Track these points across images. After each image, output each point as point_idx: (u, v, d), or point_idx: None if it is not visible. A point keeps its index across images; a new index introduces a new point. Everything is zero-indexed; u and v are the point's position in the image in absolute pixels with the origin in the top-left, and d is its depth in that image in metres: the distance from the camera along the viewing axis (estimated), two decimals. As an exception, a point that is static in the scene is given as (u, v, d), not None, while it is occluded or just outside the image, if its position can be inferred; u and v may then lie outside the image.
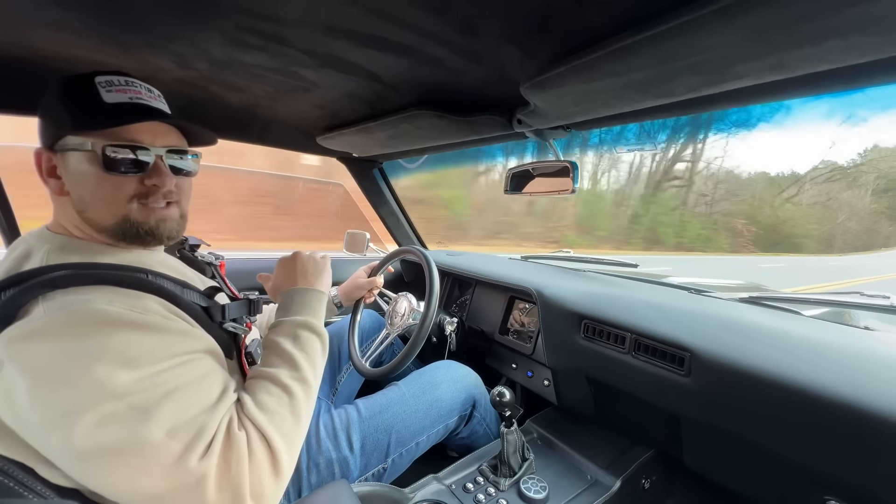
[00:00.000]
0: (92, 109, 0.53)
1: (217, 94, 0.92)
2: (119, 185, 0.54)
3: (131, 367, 0.43)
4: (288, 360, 0.57)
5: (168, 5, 0.55)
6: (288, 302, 0.67)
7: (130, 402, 0.41)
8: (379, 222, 1.77)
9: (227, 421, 0.47)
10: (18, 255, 0.51)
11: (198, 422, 0.44)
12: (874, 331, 0.83)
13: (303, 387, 0.56)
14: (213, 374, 0.51)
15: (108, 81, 0.54)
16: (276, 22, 0.57)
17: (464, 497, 0.89)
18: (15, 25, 0.62)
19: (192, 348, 0.50)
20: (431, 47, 0.62)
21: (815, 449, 0.64)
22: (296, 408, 0.53)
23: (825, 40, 0.36)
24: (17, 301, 0.44)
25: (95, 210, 0.54)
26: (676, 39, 0.40)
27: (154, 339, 0.46)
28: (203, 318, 0.57)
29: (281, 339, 0.60)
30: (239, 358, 0.62)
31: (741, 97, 0.56)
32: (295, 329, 0.61)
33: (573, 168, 0.86)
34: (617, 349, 0.94)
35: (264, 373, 0.56)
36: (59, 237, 0.55)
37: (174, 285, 0.57)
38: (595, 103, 0.62)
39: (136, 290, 0.50)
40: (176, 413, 0.43)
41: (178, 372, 0.46)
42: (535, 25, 0.51)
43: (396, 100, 0.87)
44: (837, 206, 33.77)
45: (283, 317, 0.64)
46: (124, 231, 0.56)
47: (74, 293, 0.46)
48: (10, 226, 1.03)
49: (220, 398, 0.48)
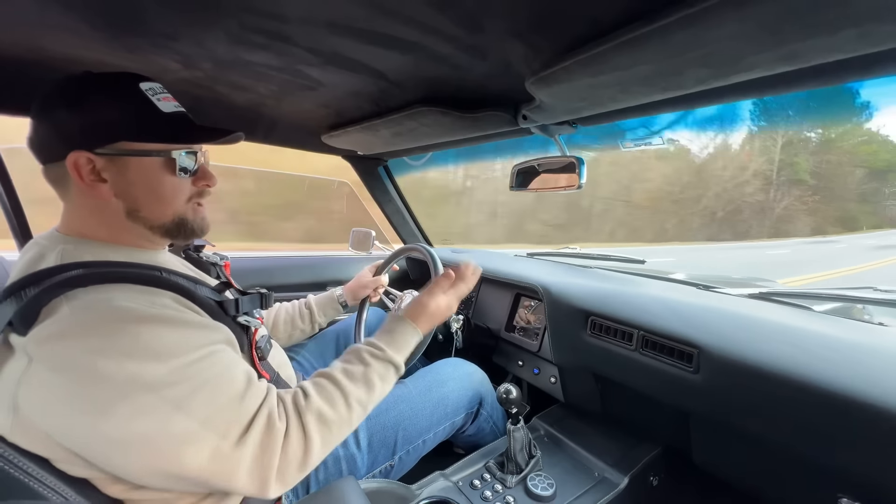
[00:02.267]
0: (156, 119, 0.55)
1: (222, 94, 0.93)
2: (181, 187, 0.59)
3: (161, 360, 0.45)
4: (368, 385, 0.62)
5: (172, 4, 0.55)
6: (398, 333, 0.70)
7: (164, 394, 0.44)
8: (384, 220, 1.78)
9: (265, 411, 0.50)
10: (32, 257, 0.52)
11: (230, 411, 0.48)
12: (888, 326, 0.82)
13: (362, 412, 0.61)
14: (236, 363, 0.54)
15: (151, 89, 0.56)
16: (280, 20, 0.57)
17: (471, 494, 0.89)
18: (19, 26, 0.63)
19: (213, 339, 0.52)
20: (436, 44, 0.62)
21: (827, 446, 0.64)
22: (345, 426, 0.58)
23: (839, 29, 0.35)
24: (41, 300, 0.45)
25: (152, 210, 0.58)
26: (685, 31, 0.40)
27: (178, 332, 0.48)
28: (217, 312, 0.58)
29: (374, 364, 0.64)
30: (250, 352, 0.63)
31: (751, 89, 0.55)
32: (388, 364, 0.66)
33: (579, 163, 0.86)
34: (624, 346, 0.93)
35: (340, 384, 0.60)
36: (70, 238, 0.55)
37: (187, 281, 0.59)
38: (602, 97, 0.61)
39: (153, 286, 0.52)
40: (208, 403, 0.46)
41: (206, 364, 0.48)
42: (540, 19, 0.51)
43: (401, 97, 0.87)
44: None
45: (387, 346, 0.67)
46: (178, 228, 0.60)
47: (95, 292, 0.47)
48: (23, 229, 1.05)
49: (247, 386, 0.51)
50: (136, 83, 0.56)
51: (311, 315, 1.08)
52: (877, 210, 33.35)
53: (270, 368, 0.70)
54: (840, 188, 34.80)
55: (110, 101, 0.53)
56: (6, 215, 1.05)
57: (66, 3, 0.55)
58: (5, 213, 1.05)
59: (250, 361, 0.63)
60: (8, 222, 1.06)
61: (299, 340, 1.10)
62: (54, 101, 0.53)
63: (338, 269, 1.65)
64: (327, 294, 1.14)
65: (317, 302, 1.11)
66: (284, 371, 0.76)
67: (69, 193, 0.56)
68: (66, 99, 0.53)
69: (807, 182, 31.09)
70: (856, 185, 35.37)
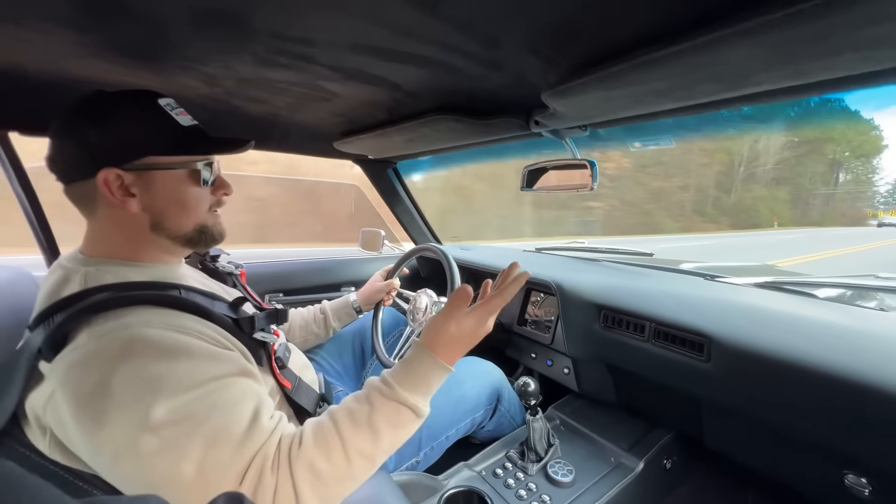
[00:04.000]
0: (178, 133, 0.58)
1: (239, 107, 0.95)
2: (203, 197, 0.62)
3: (163, 397, 0.44)
4: (373, 433, 0.53)
5: (206, 32, 0.57)
6: (415, 365, 0.59)
7: (164, 436, 0.43)
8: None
9: (259, 461, 0.47)
10: (57, 280, 0.54)
11: (227, 457, 0.46)
12: (889, 311, 0.85)
13: (367, 465, 0.53)
14: (245, 398, 0.51)
15: (168, 104, 0.59)
16: (306, 44, 0.60)
17: (494, 482, 0.94)
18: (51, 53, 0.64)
19: (223, 371, 0.51)
20: (454, 59, 0.63)
21: (834, 429, 0.67)
22: (346, 480, 0.52)
23: (842, 52, 0.38)
24: (66, 327, 0.47)
25: (176, 220, 0.60)
26: (699, 55, 0.42)
27: (185, 364, 0.48)
28: (234, 330, 0.60)
29: (380, 406, 0.55)
30: (269, 363, 0.66)
31: (757, 98, 0.58)
32: (400, 406, 0.56)
33: (591, 166, 0.88)
34: (637, 338, 0.97)
35: (340, 430, 0.52)
36: (93, 259, 0.57)
37: (204, 298, 0.61)
38: (615, 108, 0.64)
39: (172, 308, 0.53)
40: (206, 448, 0.45)
41: (208, 402, 0.47)
42: (558, 38, 0.53)
43: (415, 106, 0.89)
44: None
45: (399, 384, 0.57)
46: (199, 237, 0.63)
47: (115, 317, 0.49)
48: (51, 245, 1.08)
49: (250, 425, 0.49)
50: (155, 99, 0.58)
51: (326, 320, 1.11)
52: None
53: (292, 375, 0.71)
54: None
55: (136, 118, 0.56)
56: (33, 232, 1.08)
57: (105, 36, 0.57)
58: (32, 230, 1.08)
59: (271, 373, 0.66)
60: (35, 239, 1.09)
61: (314, 345, 1.13)
62: (79, 119, 0.54)
63: (351, 269, 1.68)
64: (342, 300, 1.16)
65: (331, 307, 1.14)
66: (306, 375, 0.78)
67: (95, 211, 0.57)
68: (92, 117, 0.54)
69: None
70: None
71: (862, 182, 41.40)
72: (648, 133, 0.83)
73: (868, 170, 41.39)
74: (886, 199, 49.01)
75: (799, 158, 36.38)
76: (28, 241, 1.10)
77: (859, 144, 44.02)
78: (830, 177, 39.31)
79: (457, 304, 0.62)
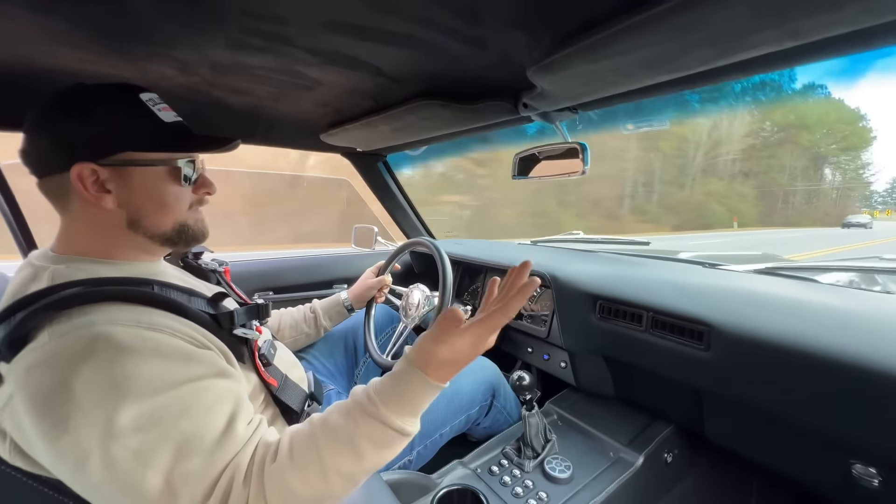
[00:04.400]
0: (158, 128, 0.56)
1: (220, 98, 0.92)
2: (183, 195, 0.60)
3: (129, 400, 0.42)
4: (354, 453, 0.49)
5: (169, 10, 0.55)
6: (403, 384, 0.54)
7: (129, 445, 0.41)
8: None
9: (230, 472, 0.44)
10: (24, 278, 0.51)
11: (197, 467, 0.43)
12: (893, 294, 0.83)
13: (345, 484, 0.50)
14: (218, 404, 0.48)
15: (151, 99, 0.56)
16: (278, 22, 0.57)
17: (490, 480, 0.91)
18: (15, 41, 0.62)
19: (196, 373, 0.48)
20: (434, 37, 0.61)
21: (839, 415, 0.65)
22: (324, 500, 0.49)
23: (842, 5, 0.36)
24: (26, 325, 0.44)
25: (155, 219, 0.58)
26: (688, 13, 0.40)
27: (154, 365, 0.45)
28: (212, 326, 0.56)
29: (364, 426, 0.50)
30: (253, 360, 0.63)
31: (753, 66, 0.55)
32: (387, 427, 0.51)
33: (583, 149, 0.86)
34: (634, 328, 0.94)
35: (318, 447, 0.49)
36: (63, 257, 0.54)
37: (181, 294, 0.57)
38: (604, 82, 0.61)
39: (143, 304, 0.50)
40: (175, 458, 0.42)
41: (178, 407, 0.44)
42: (539, 8, 0.50)
43: (400, 92, 0.87)
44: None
45: (385, 406, 0.52)
46: (179, 236, 0.60)
47: (79, 314, 0.45)
48: (29, 244, 1.05)
49: (224, 433, 0.46)
50: (137, 94, 0.56)
51: (317, 319, 1.09)
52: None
53: (278, 373, 0.69)
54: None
55: (115, 112, 0.53)
56: (11, 231, 1.06)
57: (71, 17, 0.54)
58: (10, 229, 1.05)
59: (254, 370, 0.63)
60: (14, 238, 1.06)
61: (305, 344, 1.10)
62: (55, 113, 0.52)
63: (342, 266, 1.66)
64: (332, 298, 1.14)
65: (322, 307, 1.11)
66: (294, 373, 0.75)
67: (69, 206, 0.55)
68: (69, 111, 0.52)
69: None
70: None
71: (847, 179, 39.35)
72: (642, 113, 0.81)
73: (854, 165, 39.35)
74: (872, 197, 46.83)
75: (769, 148, 33.81)
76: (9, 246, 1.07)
77: (843, 137, 40.75)
78: (808, 171, 36.60)
79: (446, 328, 0.55)
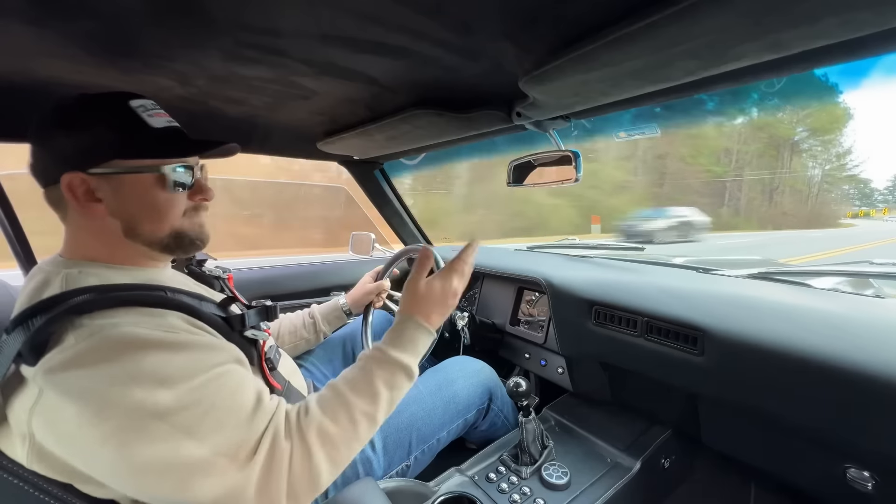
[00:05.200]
0: (146, 135, 0.56)
1: (217, 108, 0.93)
2: (176, 201, 0.59)
3: (168, 385, 0.45)
4: (372, 395, 0.58)
5: (167, 25, 0.56)
6: (400, 331, 0.66)
7: (173, 421, 0.44)
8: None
9: (271, 431, 0.50)
10: (37, 284, 0.52)
11: (238, 434, 0.47)
12: (885, 298, 0.83)
13: (369, 425, 0.57)
14: (245, 383, 0.53)
15: (142, 106, 0.56)
16: (273, 35, 0.58)
17: (487, 487, 0.91)
18: (14, 53, 0.63)
19: (221, 360, 0.52)
20: (427, 48, 0.62)
21: (831, 419, 0.65)
22: (353, 441, 0.55)
23: (820, 18, 0.37)
24: (48, 329, 0.45)
25: (149, 226, 0.58)
26: (673, 26, 0.41)
27: (183, 355, 0.48)
28: (224, 329, 0.58)
29: (376, 370, 0.60)
30: (260, 364, 0.64)
31: (738, 77, 0.56)
32: (394, 367, 0.61)
33: (575, 157, 0.87)
34: (629, 333, 0.94)
35: (342, 396, 0.57)
36: (73, 262, 0.55)
37: (192, 299, 0.59)
38: (594, 92, 0.62)
39: (159, 308, 0.52)
40: (216, 428, 0.46)
41: (213, 387, 0.48)
42: (529, 20, 0.51)
43: (395, 101, 0.88)
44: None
45: (390, 347, 0.63)
46: (177, 243, 0.60)
47: (101, 317, 0.47)
48: (27, 254, 1.05)
49: (256, 406, 0.51)
50: (126, 101, 0.56)
51: (315, 325, 1.09)
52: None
53: (281, 378, 0.70)
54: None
55: (99, 121, 0.54)
56: (8, 241, 1.06)
57: (63, 31, 0.55)
58: (7, 239, 1.06)
59: (261, 374, 0.64)
60: (11, 248, 1.06)
61: (304, 350, 1.11)
62: (48, 124, 0.54)
63: (341, 273, 1.66)
64: (331, 303, 1.14)
65: (321, 311, 1.11)
66: (295, 380, 0.77)
67: (66, 216, 0.56)
68: (58, 121, 0.54)
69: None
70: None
71: (825, 171, 32.88)
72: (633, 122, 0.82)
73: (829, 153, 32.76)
74: (873, 195, 41.80)
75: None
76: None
77: (807, 115, 33.12)
78: (763, 159, 29.59)
79: (418, 269, 0.71)
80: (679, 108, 7.30)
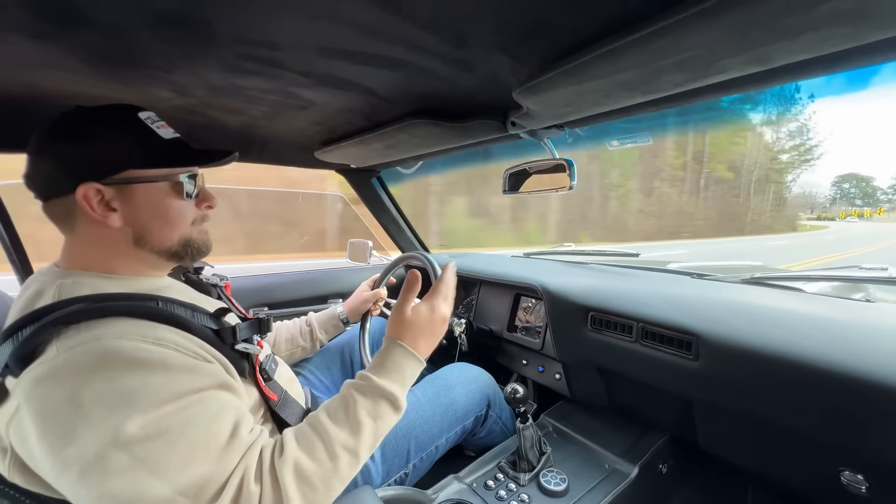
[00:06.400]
0: (158, 145, 0.57)
1: (215, 118, 0.94)
2: (186, 210, 0.61)
3: (138, 411, 0.43)
4: (354, 425, 0.56)
5: (168, 38, 0.56)
6: (386, 357, 0.64)
7: (136, 452, 0.42)
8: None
9: (241, 470, 0.47)
10: (31, 294, 0.52)
11: (205, 469, 0.44)
12: (874, 302, 0.85)
13: (351, 460, 0.54)
14: (223, 412, 0.50)
15: (149, 118, 0.58)
16: (272, 47, 0.59)
17: (485, 494, 0.91)
18: (14, 65, 0.64)
19: (201, 385, 0.49)
20: (424, 60, 0.64)
21: (824, 422, 0.66)
22: (332, 480, 0.52)
23: (801, 34, 0.38)
24: (35, 340, 0.45)
25: (160, 234, 0.59)
26: (661, 40, 0.42)
27: (161, 377, 0.46)
28: (215, 341, 0.57)
29: (359, 398, 0.58)
30: (254, 375, 0.64)
31: (725, 88, 0.58)
32: (377, 397, 0.59)
33: (569, 165, 0.88)
34: (625, 339, 0.95)
35: (321, 427, 0.54)
36: (69, 272, 0.55)
37: (184, 310, 0.58)
38: (587, 103, 0.64)
39: (148, 319, 0.51)
40: (182, 463, 0.43)
41: (186, 415, 0.45)
42: (523, 34, 0.53)
43: (392, 111, 0.89)
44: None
45: (374, 375, 0.61)
46: (185, 250, 0.62)
47: (86, 329, 0.46)
48: (23, 263, 1.05)
49: (230, 440, 0.48)
50: (135, 113, 0.57)
51: (313, 333, 1.09)
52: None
53: (278, 388, 0.70)
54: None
55: (114, 132, 0.55)
56: (5, 250, 1.06)
57: (64, 44, 0.56)
58: (5, 249, 1.06)
59: (255, 384, 0.63)
60: (8, 257, 1.06)
61: (301, 358, 1.10)
62: (56, 135, 0.54)
63: (338, 281, 1.66)
64: (328, 311, 1.14)
65: (318, 320, 1.11)
66: (293, 388, 0.77)
67: (76, 227, 0.56)
68: (69, 134, 0.54)
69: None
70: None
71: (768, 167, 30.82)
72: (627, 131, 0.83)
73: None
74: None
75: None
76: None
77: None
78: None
79: (405, 296, 0.70)
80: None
